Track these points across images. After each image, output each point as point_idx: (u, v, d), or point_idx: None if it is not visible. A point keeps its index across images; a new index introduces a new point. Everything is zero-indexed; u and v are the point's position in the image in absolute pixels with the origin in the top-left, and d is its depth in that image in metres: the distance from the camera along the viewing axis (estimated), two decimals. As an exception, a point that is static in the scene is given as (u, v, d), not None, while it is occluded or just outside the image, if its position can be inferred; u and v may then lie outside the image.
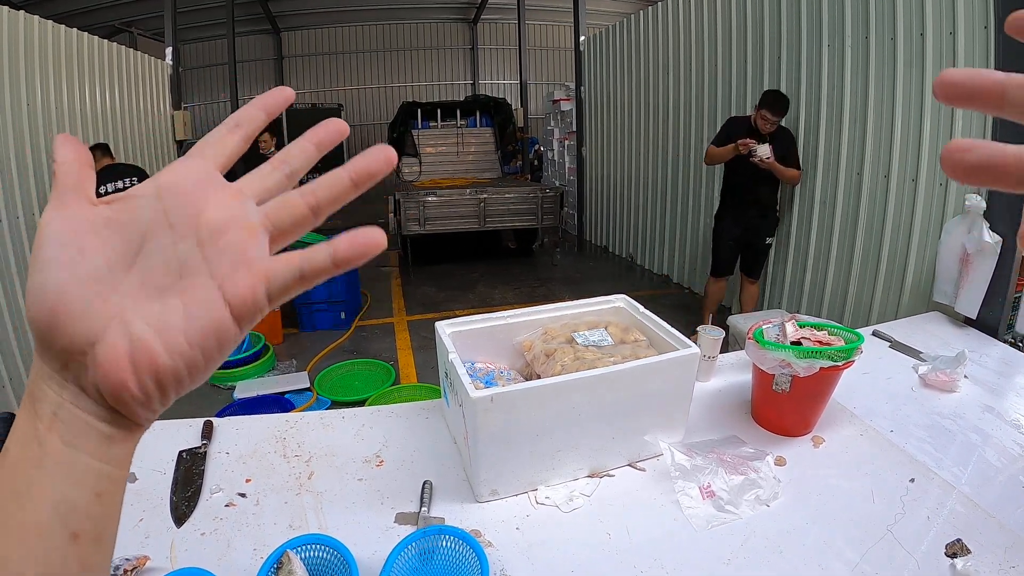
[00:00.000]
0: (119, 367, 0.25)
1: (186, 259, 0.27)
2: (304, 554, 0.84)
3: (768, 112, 3.03)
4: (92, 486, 0.26)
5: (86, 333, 0.25)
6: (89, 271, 0.26)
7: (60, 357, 0.26)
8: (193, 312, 0.26)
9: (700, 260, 4.71)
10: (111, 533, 0.28)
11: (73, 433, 0.26)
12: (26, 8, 3.79)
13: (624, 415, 1.05)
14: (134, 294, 0.26)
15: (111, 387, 0.25)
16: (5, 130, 3.04)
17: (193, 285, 0.27)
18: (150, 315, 0.26)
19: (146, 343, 0.25)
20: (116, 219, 0.27)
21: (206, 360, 0.27)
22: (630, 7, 9.42)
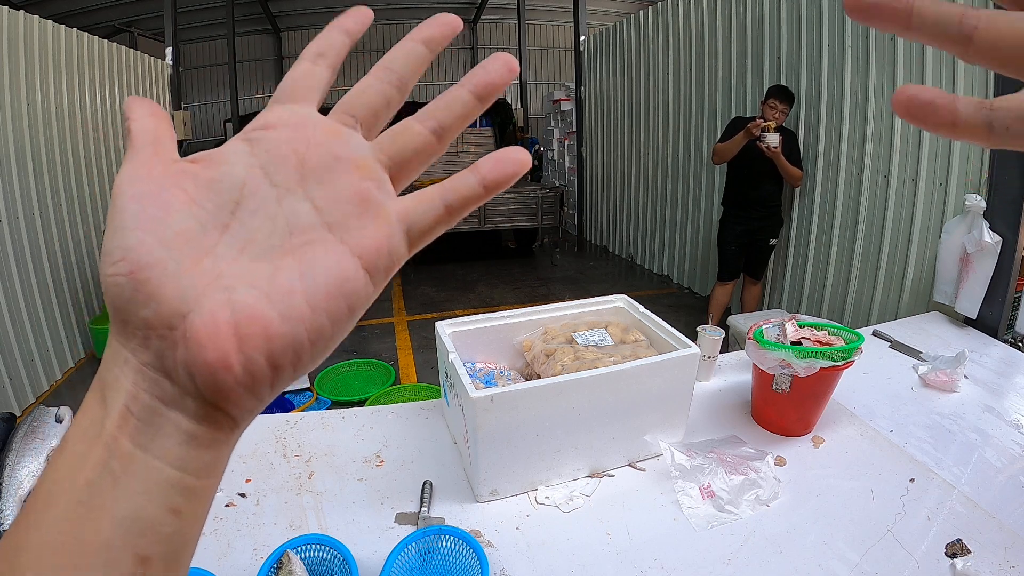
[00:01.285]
0: (219, 339, 0.20)
1: (295, 216, 0.22)
2: (304, 554, 0.84)
3: (777, 100, 3.03)
4: (167, 500, 0.21)
5: (175, 301, 0.20)
6: (177, 230, 0.21)
7: (140, 332, 0.20)
8: (314, 269, 0.21)
9: (700, 260, 4.71)
10: (187, 557, 0.22)
11: (149, 433, 0.21)
12: (26, 8, 3.80)
13: (624, 415, 1.05)
14: (234, 256, 0.22)
15: (207, 367, 0.20)
16: (5, 130, 3.04)
17: (309, 242, 0.22)
18: (258, 277, 0.21)
19: (255, 308, 0.21)
20: (204, 176, 0.23)
21: (334, 326, 0.22)
22: (630, 7, 9.42)
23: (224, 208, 0.22)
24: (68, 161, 3.66)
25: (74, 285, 3.66)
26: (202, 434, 0.21)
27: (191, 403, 0.21)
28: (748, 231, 3.37)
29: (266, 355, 0.21)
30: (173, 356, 0.20)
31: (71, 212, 3.66)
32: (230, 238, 0.22)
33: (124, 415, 0.21)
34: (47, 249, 3.36)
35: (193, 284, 0.21)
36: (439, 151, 0.25)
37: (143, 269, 0.20)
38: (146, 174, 0.22)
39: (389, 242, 0.23)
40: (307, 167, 0.23)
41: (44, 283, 3.32)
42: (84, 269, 3.79)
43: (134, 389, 0.21)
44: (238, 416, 0.22)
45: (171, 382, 0.21)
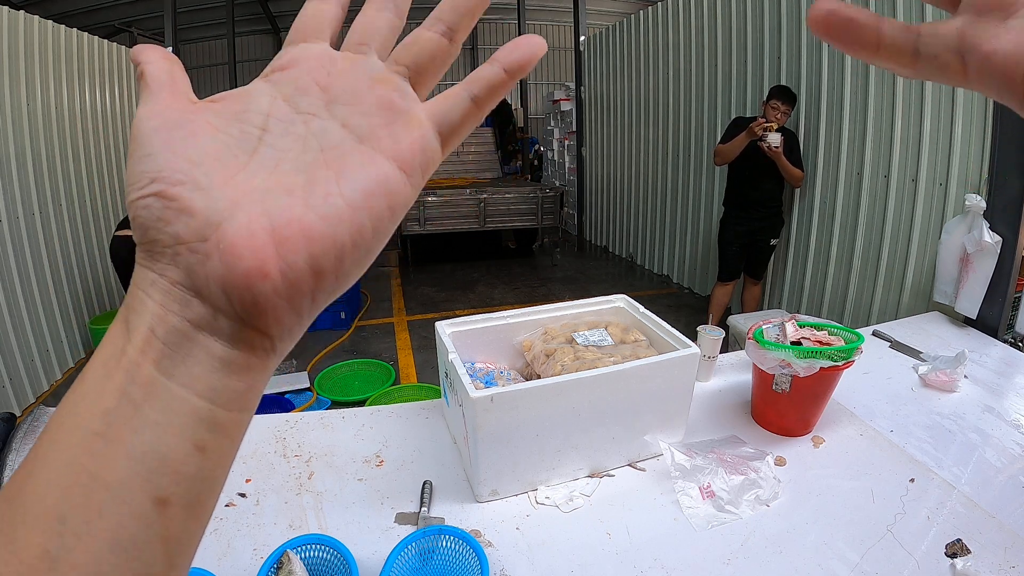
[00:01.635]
0: (255, 245, 0.19)
1: (324, 134, 0.22)
2: (304, 554, 0.84)
3: (779, 101, 3.03)
4: (193, 435, 0.19)
5: (207, 211, 0.19)
6: (205, 149, 0.21)
7: (170, 250, 0.19)
8: (352, 173, 0.21)
9: (700, 260, 4.71)
10: (210, 502, 0.21)
11: (176, 358, 0.19)
12: (26, 8, 3.80)
13: (624, 415, 1.05)
14: (266, 173, 0.21)
15: (243, 276, 0.19)
16: (5, 130, 3.04)
17: (342, 154, 0.22)
18: (293, 187, 0.20)
19: (292, 211, 0.20)
20: (228, 109, 0.22)
21: (375, 227, 0.21)
22: (630, 7, 9.42)
23: (251, 134, 0.22)
24: (68, 161, 3.66)
25: (74, 285, 3.66)
26: (235, 359, 0.20)
27: (224, 323, 0.19)
28: (749, 231, 3.37)
29: (307, 258, 0.19)
30: (205, 269, 0.19)
31: (71, 212, 3.66)
32: (260, 157, 0.21)
33: (148, 339, 0.19)
34: (47, 249, 3.36)
35: (226, 195, 0.20)
36: (453, 52, 0.25)
37: (173, 186, 0.19)
38: (166, 108, 0.22)
39: (423, 142, 0.23)
40: (330, 93, 0.23)
41: (44, 283, 3.32)
42: (84, 269, 3.79)
43: (161, 311, 0.19)
44: (276, 335, 0.20)
45: (202, 300, 0.19)
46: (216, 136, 0.21)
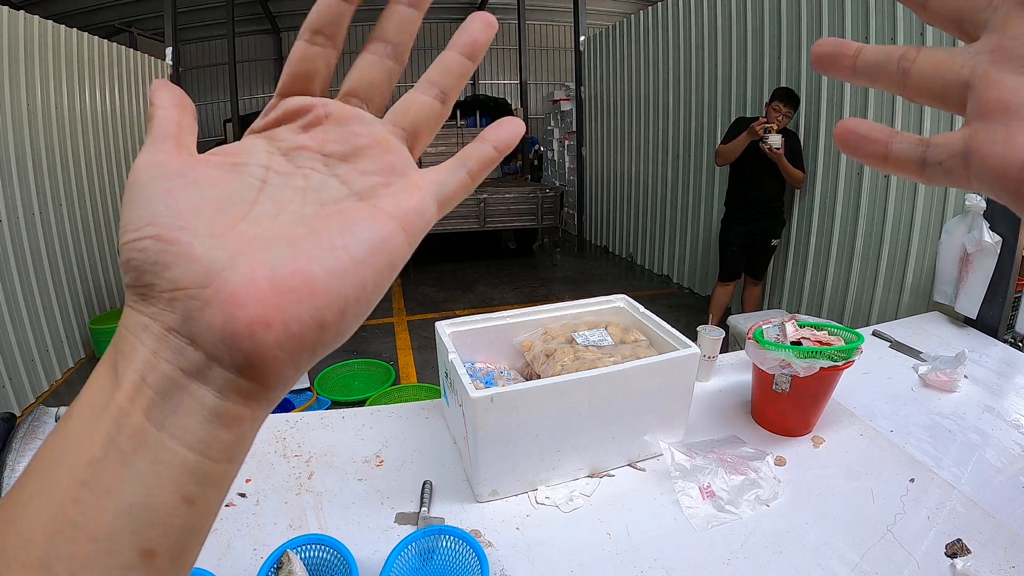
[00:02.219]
0: (258, 294, 0.18)
1: (325, 189, 0.22)
2: (304, 554, 0.84)
3: (781, 103, 3.03)
4: (181, 487, 0.19)
5: (207, 257, 0.19)
6: (207, 198, 0.20)
7: (166, 295, 0.19)
8: (356, 227, 0.21)
9: (700, 260, 4.71)
10: (195, 550, 0.20)
11: (167, 408, 0.18)
12: (26, 8, 3.80)
13: (624, 415, 1.05)
14: (268, 223, 0.21)
15: (245, 326, 0.18)
16: (5, 130, 3.04)
17: (343, 210, 0.22)
18: (296, 238, 0.20)
19: (296, 262, 0.19)
20: (228, 162, 0.22)
21: (376, 282, 0.21)
22: (630, 7, 9.41)
23: (251, 185, 0.22)
24: (68, 161, 3.65)
25: (74, 285, 3.66)
26: (227, 410, 0.19)
27: (219, 373, 0.19)
28: (750, 232, 3.37)
29: (311, 310, 0.19)
30: (202, 317, 0.18)
31: (71, 212, 3.66)
32: (261, 208, 0.21)
33: (138, 386, 0.18)
34: (47, 249, 3.36)
35: (227, 244, 0.19)
36: (445, 114, 0.26)
37: (172, 231, 0.19)
38: (166, 159, 0.22)
39: (422, 205, 0.23)
40: (327, 150, 0.23)
41: (44, 283, 3.32)
42: (84, 269, 3.79)
43: (153, 358, 0.19)
44: (271, 386, 0.20)
45: (197, 348, 0.19)
46: (217, 186, 0.21)
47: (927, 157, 0.22)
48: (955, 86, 0.21)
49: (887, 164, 0.23)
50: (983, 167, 0.20)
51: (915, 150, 0.22)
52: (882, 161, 0.23)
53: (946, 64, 0.22)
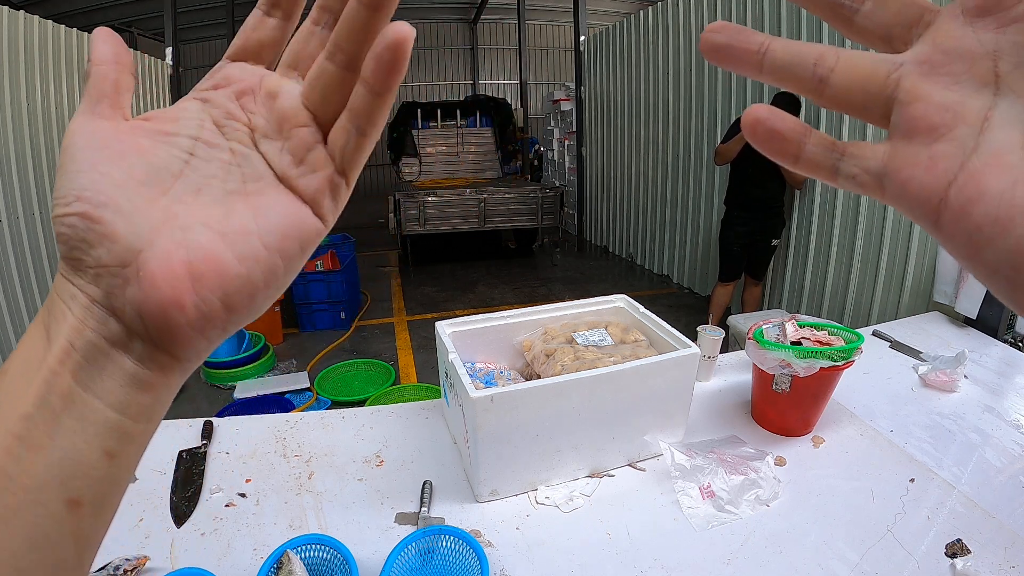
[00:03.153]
0: (173, 278, 0.20)
1: (247, 163, 0.23)
2: (304, 554, 0.84)
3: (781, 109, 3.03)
4: (104, 443, 0.20)
5: (129, 237, 0.20)
6: (130, 172, 0.21)
7: (92, 271, 0.20)
8: (268, 212, 0.22)
9: (700, 260, 4.71)
10: (115, 502, 0.22)
11: (92, 371, 0.20)
12: (26, 8, 3.80)
13: (624, 415, 1.05)
14: (190, 199, 0.22)
15: (159, 305, 0.20)
16: (5, 130, 3.05)
17: (261, 189, 0.23)
18: (212, 218, 0.22)
19: (211, 248, 0.21)
20: (159, 130, 0.23)
21: (286, 264, 0.22)
22: (630, 7, 9.41)
23: (177, 158, 0.23)
24: (68, 161, 3.65)
25: (74, 285, 3.66)
26: (145, 377, 0.21)
27: (137, 344, 0.21)
28: (750, 232, 3.37)
29: (221, 296, 0.21)
30: (123, 294, 0.20)
31: (71, 212, 3.66)
32: (184, 182, 0.22)
33: (67, 350, 0.20)
34: (47, 249, 3.36)
35: (148, 222, 0.21)
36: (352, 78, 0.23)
37: (97, 207, 0.20)
38: (98, 125, 0.22)
39: (331, 182, 0.23)
40: (254, 123, 0.24)
41: (44, 283, 3.33)
42: (84, 269, 3.79)
43: (79, 325, 0.20)
44: (184, 358, 0.22)
45: (118, 321, 0.20)
46: (143, 158, 0.22)
47: (840, 167, 0.21)
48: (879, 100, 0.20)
49: (797, 165, 0.22)
50: (900, 190, 0.20)
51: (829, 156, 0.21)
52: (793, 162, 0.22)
53: (869, 75, 0.20)
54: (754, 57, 0.22)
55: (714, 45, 0.22)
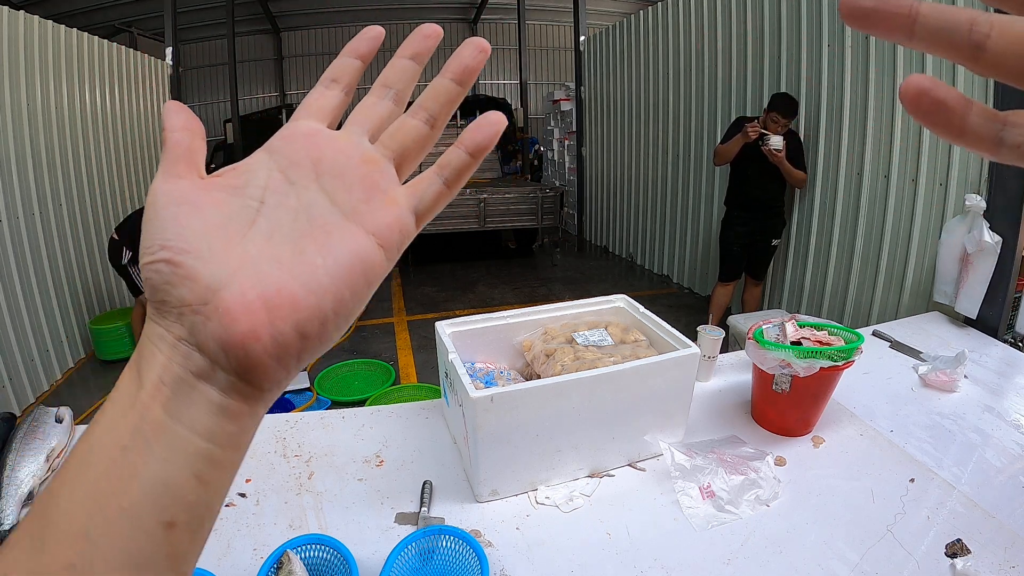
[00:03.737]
0: (249, 311, 0.22)
1: (314, 206, 0.25)
2: (304, 554, 0.84)
3: (779, 115, 3.03)
4: (194, 468, 0.22)
5: (208, 278, 0.22)
6: (208, 223, 0.24)
7: (176, 310, 0.22)
8: (334, 248, 0.24)
9: (700, 260, 4.71)
10: (209, 525, 0.24)
11: (180, 403, 0.22)
12: (26, 8, 3.80)
13: (624, 415, 1.05)
14: (262, 242, 0.24)
15: (238, 337, 0.22)
16: (5, 130, 3.04)
17: (328, 227, 0.25)
18: (283, 257, 0.24)
19: (281, 282, 0.23)
20: (231, 184, 0.26)
21: (354, 296, 0.24)
22: (630, 7, 9.41)
23: (250, 207, 0.25)
24: (68, 161, 3.66)
25: (74, 285, 3.66)
26: (230, 406, 0.23)
27: (221, 375, 0.22)
28: (750, 232, 3.36)
29: (294, 325, 0.22)
30: (205, 329, 0.22)
31: (71, 212, 3.66)
32: (257, 229, 0.24)
33: (157, 386, 0.22)
34: (47, 249, 3.36)
35: (225, 265, 0.23)
36: (434, 137, 0.28)
37: (179, 254, 0.23)
38: (177, 184, 0.25)
39: (400, 220, 0.26)
40: (321, 167, 0.26)
41: (44, 283, 3.32)
42: (84, 269, 3.79)
43: (167, 362, 0.22)
44: (265, 388, 0.23)
45: (203, 355, 0.22)
46: (218, 209, 0.24)
47: (1004, 138, 0.20)
48: None
49: (962, 138, 0.20)
50: None
51: (992, 127, 0.20)
52: (958, 135, 0.20)
53: None
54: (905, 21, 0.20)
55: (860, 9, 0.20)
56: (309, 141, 0.27)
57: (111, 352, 3.65)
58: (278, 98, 11.29)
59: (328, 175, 0.26)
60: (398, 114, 0.29)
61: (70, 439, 1.17)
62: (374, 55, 0.31)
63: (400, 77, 0.29)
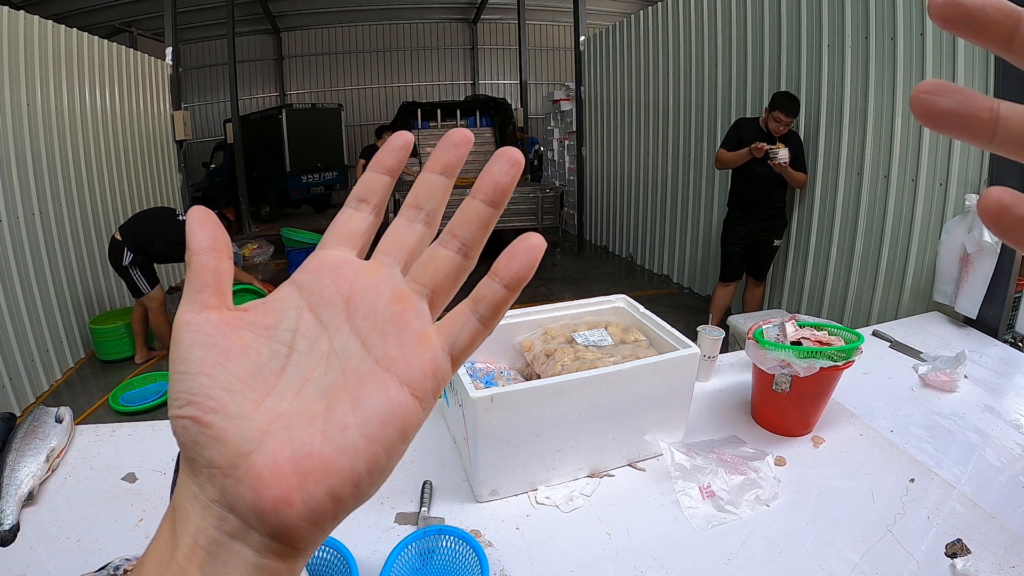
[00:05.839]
0: (280, 478, 0.21)
1: (346, 352, 0.24)
2: (304, 554, 0.84)
3: (782, 113, 3.02)
4: None
5: (238, 441, 0.22)
6: (237, 374, 0.23)
7: (206, 471, 0.22)
8: (367, 403, 0.23)
9: (700, 260, 4.71)
10: None
11: (216, 564, 0.21)
12: (26, 8, 3.80)
13: (624, 415, 1.05)
14: (292, 396, 0.23)
15: (271, 504, 0.21)
16: (5, 130, 3.04)
17: (360, 377, 0.23)
18: (314, 415, 0.23)
19: (312, 445, 0.22)
20: (259, 322, 0.25)
21: (388, 454, 0.23)
22: (630, 7, 9.41)
23: (279, 353, 0.24)
24: (68, 161, 3.66)
25: (74, 285, 3.66)
26: (266, 566, 0.22)
27: (255, 537, 0.22)
28: (753, 232, 3.36)
29: (326, 489, 0.21)
30: (237, 493, 0.21)
31: (71, 212, 3.66)
32: (287, 379, 0.24)
33: (192, 547, 0.22)
34: (47, 249, 3.36)
35: (255, 425, 0.22)
36: (468, 268, 0.26)
37: (207, 412, 0.22)
38: (204, 320, 0.24)
39: (434, 365, 0.24)
40: (352, 306, 0.25)
41: (44, 283, 3.32)
42: (84, 269, 3.79)
43: (202, 523, 0.22)
44: (301, 547, 0.22)
45: (236, 516, 0.21)
46: (247, 356, 0.24)
47: None
48: None
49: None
50: None
51: None
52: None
53: None
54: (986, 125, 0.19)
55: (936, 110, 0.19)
56: (339, 275, 0.26)
57: (111, 352, 3.65)
58: (278, 98, 11.30)
59: (359, 315, 0.25)
60: (430, 236, 0.27)
61: (70, 439, 1.17)
62: (403, 166, 0.29)
63: (431, 196, 0.27)
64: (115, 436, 1.20)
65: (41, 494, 1.02)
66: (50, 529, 0.94)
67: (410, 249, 0.27)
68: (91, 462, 1.11)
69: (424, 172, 0.28)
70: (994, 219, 0.19)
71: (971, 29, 0.19)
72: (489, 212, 0.26)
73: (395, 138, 0.29)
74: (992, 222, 0.19)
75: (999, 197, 0.18)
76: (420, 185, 0.28)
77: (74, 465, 1.11)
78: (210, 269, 0.25)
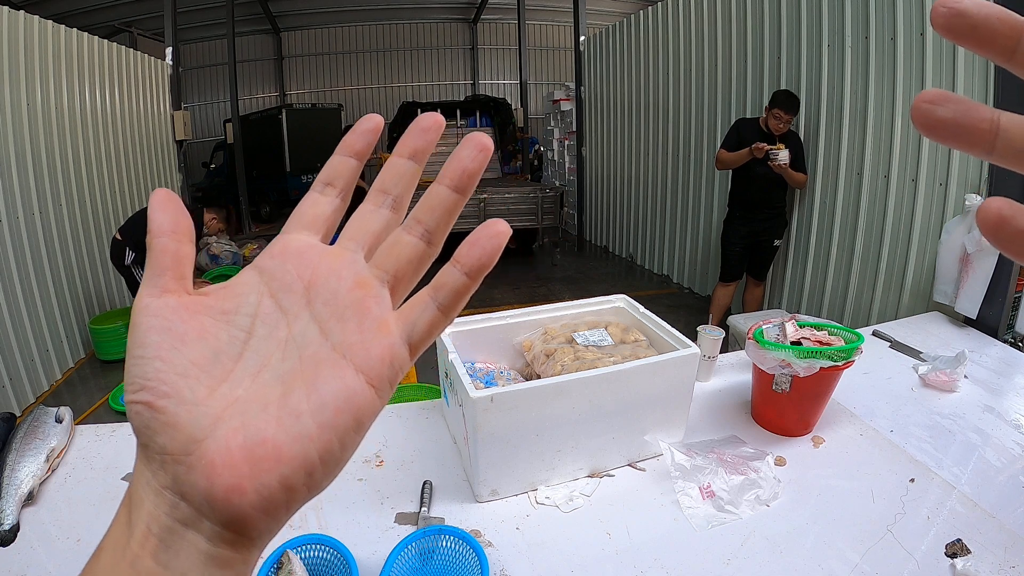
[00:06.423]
0: (232, 466, 0.21)
1: (304, 338, 0.24)
2: (304, 554, 0.84)
3: (782, 111, 3.02)
4: None
5: (190, 428, 0.21)
6: (193, 359, 0.22)
7: (159, 457, 0.22)
8: (322, 390, 0.22)
9: (700, 260, 4.71)
10: None
11: (169, 551, 0.21)
12: (26, 8, 3.79)
13: (624, 415, 1.05)
14: (248, 383, 0.23)
15: (223, 492, 0.21)
16: (5, 130, 3.04)
17: (317, 363, 0.23)
18: (269, 401, 0.22)
19: (265, 432, 0.21)
20: (218, 307, 0.24)
21: (342, 444, 0.22)
22: (630, 7, 9.41)
23: (237, 339, 0.24)
24: (68, 161, 3.65)
25: (74, 285, 3.66)
26: (220, 555, 0.22)
27: (208, 525, 0.21)
28: (753, 232, 3.37)
29: (278, 477, 0.21)
30: (189, 481, 0.21)
31: (71, 212, 3.66)
32: (244, 365, 0.23)
33: (145, 534, 0.21)
34: (47, 249, 3.36)
35: (208, 412, 0.22)
36: (432, 255, 0.26)
37: (160, 397, 0.22)
38: (163, 304, 0.23)
39: (391, 353, 0.24)
40: (312, 292, 0.25)
41: (44, 283, 3.32)
42: (84, 269, 3.79)
43: (154, 510, 0.21)
44: (255, 536, 0.22)
45: (188, 504, 0.21)
46: (205, 341, 0.23)
47: None
48: None
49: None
50: None
51: None
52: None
53: None
54: (986, 136, 0.19)
55: (936, 120, 0.19)
56: (302, 260, 0.25)
57: (111, 352, 3.65)
58: (278, 98, 11.30)
59: (320, 301, 0.24)
60: (397, 222, 0.27)
61: (70, 439, 1.17)
62: (372, 149, 0.29)
63: (399, 181, 0.27)
64: (115, 436, 1.20)
65: (41, 494, 1.02)
66: (50, 529, 0.94)
67: (375, 235, 0.26)
68: (91, 462, 1.11)
69: (393, 157, 0.27)
70: (993, 231, 0.19)
71: (974, 40, 0.18)
72: (455, 198, 0.26)
73: (364, 121, 0.28)
74: (991, 233, 0.19)
75: (998, 209, 0.18)
76: (388, 170, 0.27)
77: (74, 465, 1.11)
78: (170, 252, 0.24)
